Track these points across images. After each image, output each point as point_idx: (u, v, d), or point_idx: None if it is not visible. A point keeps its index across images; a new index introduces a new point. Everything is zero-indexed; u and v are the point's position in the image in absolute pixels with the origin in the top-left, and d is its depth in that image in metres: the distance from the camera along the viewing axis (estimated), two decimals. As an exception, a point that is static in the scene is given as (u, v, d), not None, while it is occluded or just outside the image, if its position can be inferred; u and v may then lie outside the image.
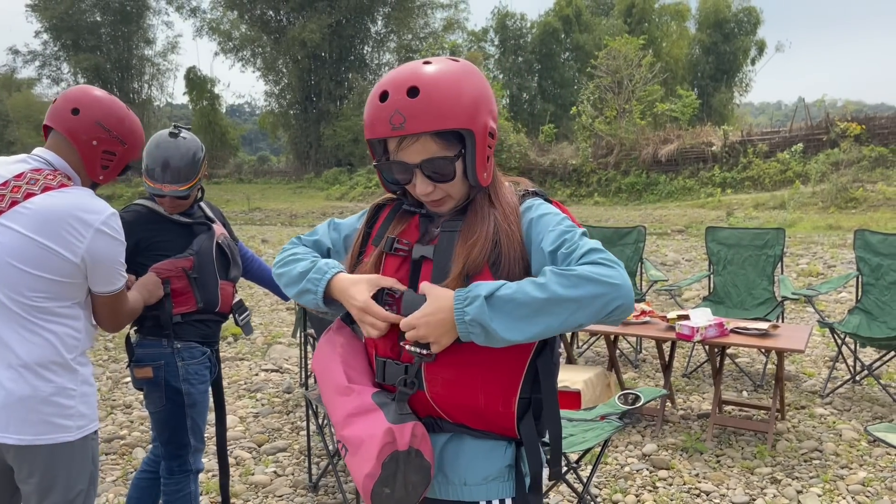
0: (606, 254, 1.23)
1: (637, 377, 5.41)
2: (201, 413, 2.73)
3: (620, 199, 22.26)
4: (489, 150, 1.34)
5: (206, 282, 2.69)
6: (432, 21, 40.40)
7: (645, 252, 6.12)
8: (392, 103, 1.26)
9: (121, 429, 4.58)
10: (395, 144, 1.33)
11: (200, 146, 2.69)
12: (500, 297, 1.19)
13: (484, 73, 1.41)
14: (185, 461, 2.71)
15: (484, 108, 1.31)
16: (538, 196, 1.42)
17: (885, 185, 17.08)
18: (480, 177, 1.34)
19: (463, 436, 1.35)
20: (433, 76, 1.27)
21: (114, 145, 2.04)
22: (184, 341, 2.64)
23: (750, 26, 35.83)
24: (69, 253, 1.83)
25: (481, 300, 1.19)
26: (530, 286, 1.19)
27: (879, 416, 4.46)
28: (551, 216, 1.34)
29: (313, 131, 37.54)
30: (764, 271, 5.61)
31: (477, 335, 1.21)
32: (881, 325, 5.00)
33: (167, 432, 2.68)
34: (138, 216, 2.62)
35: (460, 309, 1.21)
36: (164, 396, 2.62)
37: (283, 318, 7.96)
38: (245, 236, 17.13)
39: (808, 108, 23.29)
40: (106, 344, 6.86)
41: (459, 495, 1.36)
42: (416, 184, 1.34)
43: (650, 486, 3.60)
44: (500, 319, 1.18)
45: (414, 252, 1.39)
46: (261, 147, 65.60)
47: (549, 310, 1.17)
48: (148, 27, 41.19)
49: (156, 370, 2.60)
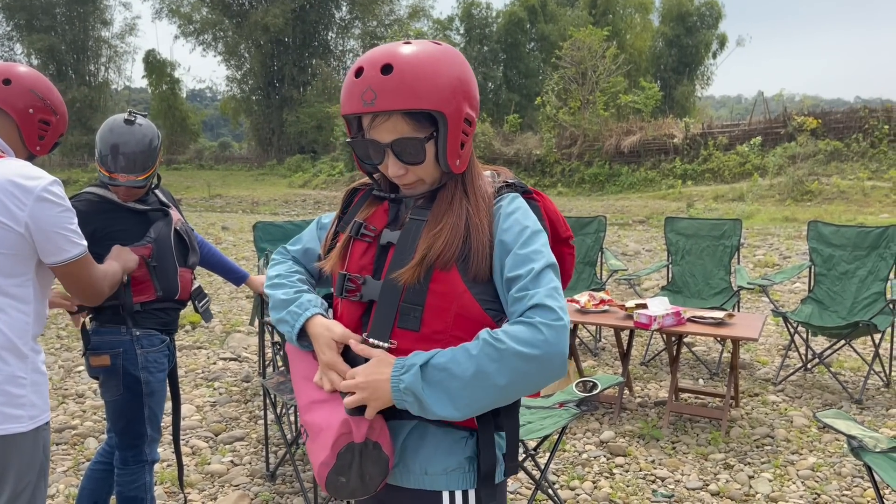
0: (554, 310, 1.21)
1: (596, 365, 5.46)
2: (159, 402, 2.68)
3: (583, 190, 22.45)
4: (464, 137, 1.31)
5: (166, 269, 2.64)
6: (397, 8, 40.32)
7: (606, 242, 6.19)
8: (365, 79, 1.25)
9: (73, 418, 4.48)
10: (368, 122, 1.31)
11: (157, 133, 2.63)
12: (433, 365, 1.21)
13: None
14: (140, 451, 2.66)
15: (460, 93, 1.29)
16: (516, 189, 1.39)
17: (840, 179, 17.52)
18: (452, 163, 1.31)
19: (427, 425, 1.34)
20: (409, 55, 1.26)
21: (48, 114, 2.03)
22: (143, 328, 2.59)
23: (712, 20, 36.29)
24: (11, 221, 1.75)
25: (416, 369, 1.21)
26: (462, 355, 1.20)
27: (829, 403, 4.57)
28: (516, 227, 1.31)
29: (276, 117, 37.09)
30: (721, 261, 5.70)
31: (411, 404, 1.23)
32: (832, 314, 5.13)
33: (123, 422, 2.62)
34: (91, 205, 2.54)
35: (397, 377, 1.23)
36: (121, 385, 2.57)
37: (243, 307, 7.86)
38: (205, 223, 16.87)
39: (766, 102, 23.74)
40: (58, 332, 6.70)
41: (420, 484, 1.35)
42: (388, 164, 1.32)
43: (607, 473, 3.64)
44: (432, 391, 1.20)
45: (381, 238, 1.37)
46: (222, 133, 64.61)
47: (478, 385, 1.19)
48: (105, 8, 40.17)
49: (113, 358, 2.55)
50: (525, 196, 1.40)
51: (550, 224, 1.45)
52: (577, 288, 5.78)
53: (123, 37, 42.58)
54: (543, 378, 1.21)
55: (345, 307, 1.39)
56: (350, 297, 1.37)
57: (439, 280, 1.28)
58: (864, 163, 18.50)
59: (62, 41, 38.04)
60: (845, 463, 3.68)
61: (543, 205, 1.44)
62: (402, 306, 1.29)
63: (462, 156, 1.33)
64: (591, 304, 4.49)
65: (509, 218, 1.32)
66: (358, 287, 1.35)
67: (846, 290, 5.18)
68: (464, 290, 1.28)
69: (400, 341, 1.30)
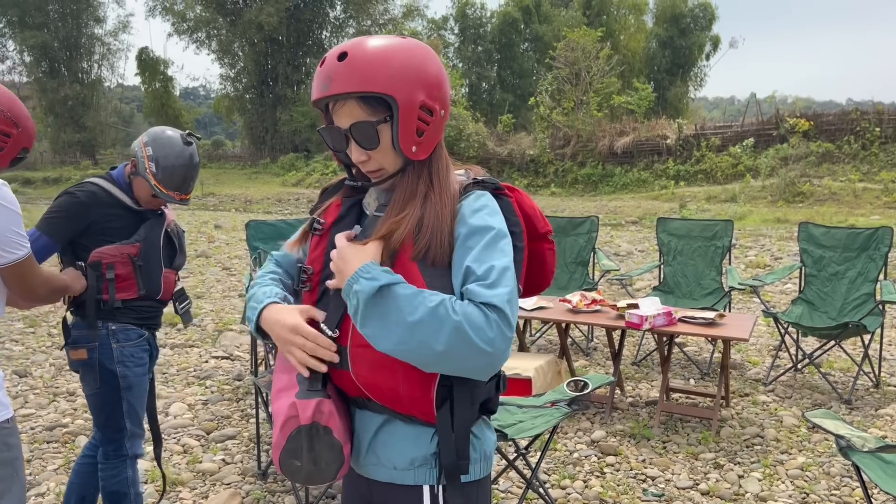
0: (508, 318, 1.22)
1: (588, 365, 5.48)
2: (138, 397, 2.69)
3: (577, 190, 22.50)
4: (422, 125, 1.33)
5: (151, 269, 2.66)
6: (392, 7, 40.14)
7: (599, 242, 6.21)
8: (325, 67, 1.32)
9: (63, 416, 4.46)
10: (332, 109, 1.36)
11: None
12: (392, 291, 1.22)
13: (443, 61, 1.39)
14: (120, 445, 2.67)
15: (415, 81, 1.31)
16: (485, 186, 1.38)
17: (831, 180, 17.61)
18: (406, 148, 1.33)
19: (395, 420, 1.35)
20: (366, 44, 1.32)
21: (8, 126, 2.02)
22: (119, 323, 2.60)
23: (705, 22, 36.44)
24: None
25: (375, 286, 1.22)
26: (419, 301, 1.20)
27: (819, 403, 4.60)
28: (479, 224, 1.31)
29: (269, 116, 37.00)
30: (712, 262, 5.73)
31: (351, 306, 1.26)
32: (822, 314, 5.16)
33: (103, 416, 2.65)
34: (94, 197, 2.57)
35: (356, 276, 1.25)
36: (98, 378, 2.60)
37: (235, 305, 7.85)
38: (198, 222, 16.82)
39: (759, 103, 23.84)
40: (49, 330, 6.68)
41: (390, 478, 1.36)
42: (352, 150, 1.37)
43: (598, 472, 3.66)
44: (372, 311, 1.22)
45: (332, 233, 1.42)
46: (215, 131, 64.39)
47: (412, 334, 1.19)
48: (98, 5, 39.95)
49: (90, 352, 2.58)
50: (496, 192, 1.39)
51: (526, 220, 1.44)
52: (569, 288, 5.80)
53: (117, 34, 42.53)
54: (472, 370, 1.22)
55: (304, 298, 1.44)
56: (303, 288, 1.43)
57: (399, 271, 1.28)
58: (856, 164, 18.61)
59: (55, 38, 37.83)
60: (834, 463, 3.70)
61: (518, 200, 1.43)
62: None
63: (420, 143, 1.34)
64: (583, 303, 4.50)
65: (474, 216, 1.32)
66: (309, 278, 1.41)
67: (836, 291, 5.21)
68: (422, 284, 1.28)
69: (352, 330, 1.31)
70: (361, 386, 1.33)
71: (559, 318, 4.48)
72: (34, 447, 4.00)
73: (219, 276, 9.66)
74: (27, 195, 25.47)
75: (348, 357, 1.32)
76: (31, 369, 5.44)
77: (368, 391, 1.33)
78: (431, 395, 1.30)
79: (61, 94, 36.75)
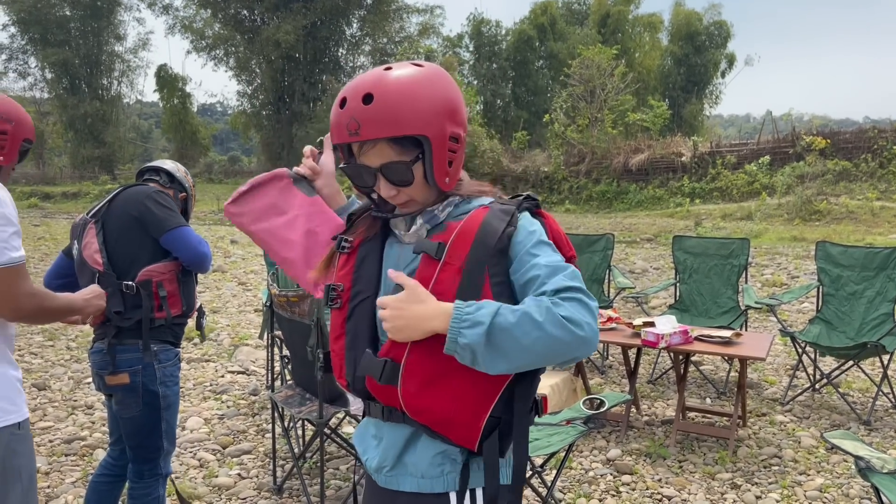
0: (591, 309, 1.26)
1: (603, 383, 5.46)
2: (174, 414, 2.72)
3: (591, 207, 22.45)
4: (451, 155, 1.35)
5: (189, 284, 2.70)
6: (408, 25, 40.37)
7: (614, 260, 6.20)
8: (349, 110, 1.30)
9: (82, 430, 4.50)
10: (357, 149, 1.37)
11: None
12: (498, 325, 1.19)
13: (458, 79, 1.42)
14: (156, 464, 2.69)
15: (443, 114, 1.32)
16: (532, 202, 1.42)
17: (848, 199, 17.47)
18: (440, 181, 1.35)
19: (421, 433, 1.36)
20: (389, 83, 1.29)
21: (2, 123, 2.07)
22: (160, 343, 2.62)
23: (721, 40, 36.39)
24: None
25: (483, 330, 1.19)
26: (527, 320, 1.19)
27: (837, 424, 4.55)
28: (534, 239, 1.34)
29: (286, 132, 37.27)
30: (729, 280, 5.70)
31: (462, 357, 1.22)
32: (840, 334, 5.11)
33: (140, 437, 2.64)
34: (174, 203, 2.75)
35: (456, 328, 1.21)
36: (140, 401, 2.58)
37: (251, 320, 7.89)
38: (215, 237, 16.94)
39: (775, 121, 23.74)
40: (68, 343, 6.74)
41: (418, 487, 1.37)
42: (381, 187, 1.38)
43: (613, 491, 3.64)
44: (493, 352, 1.20)
45: (360, 251, 1.45)
46: (232, 147, 64.90)
47: (533, 349, 1.19)
48: (119, 23, 40.50)
49: (132, 375, 2.56)
50: (537, 211, 1.43)
51: (554, 242, 1.44)
52: (585, 305, 5.77)
53: (136, 51, 42.89)
54: (584, 352, 1.25)
55: (332, 315, 1.45)
56: (333, 306, 1.44)
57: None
58: (873, 183, 18.46)
59: (76, 55, 38.35)
60: (853, 484, 3.66)
61: (548, 223, 1.45)
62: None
63: (451, 173, 1.37)
64: (599, 321, 4.49)
65: (532, 235, 1.35)
66: (339, 295, 1.42)
67: (854, 311, 5.17)
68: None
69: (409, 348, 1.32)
70: (405, 403, 1.32)
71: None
72: (52, 460, 4.04)
73: (235, 291, 9.72)
74: (46, 209, 25.75)
75: (400, 375, 1.31)
76: (50, 382, 5.49)
77: (411, 408, 1.32)
78: (482, 423, 1.31)
79: (81, 111, 37.19)
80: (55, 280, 2.75)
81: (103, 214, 2.60)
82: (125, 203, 2.59)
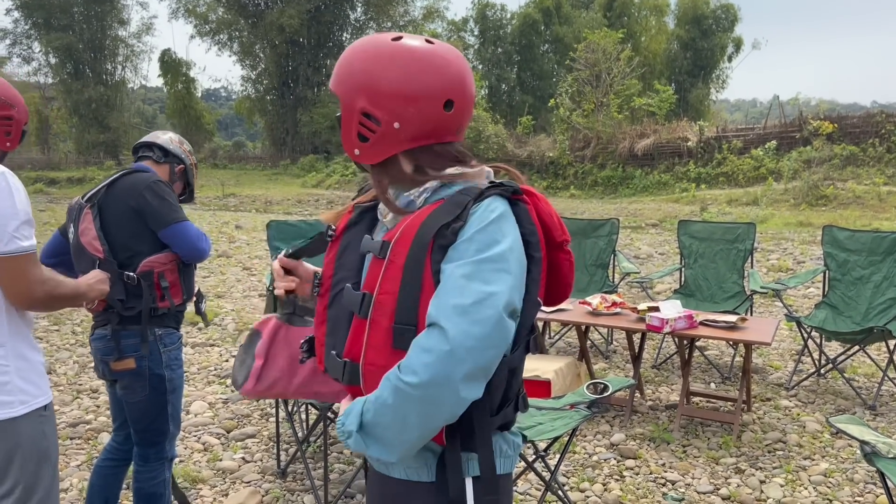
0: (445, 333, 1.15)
1: (608, 368, 5.45)
2: (179, 397, 2.74)
3: (596, 192, 22.38)
4: (364, 130, 1.33)
5: (189, 271, 2.70)
6: (412, 9, 40.14)
7: (619, 245, 6.17)
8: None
9: (87, 413, 4.52)
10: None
11: None
12: (367, 424, 1.22)
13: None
14: (162, 448, 2.70)
15: (361, 85, 1.31)
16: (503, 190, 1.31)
17: (855, 184, 17.37)
18: (349, 150, 1.37)
19: None
20: (357, 44, 1.37)
21: (6, 109, 2.06)
22: (164, 328, 2.63)
23: (727, 23, 36.10)
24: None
25: (356, 435, 1.23)
26: (382, 408, 1.19)
27: (842, 409, 4.54)
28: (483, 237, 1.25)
29: (290, 117, 37.21)
30: (734, 265, 5.68)
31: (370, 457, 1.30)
32: (846, 319, 5.09)
33: (146, 421, 2.65)
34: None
35: (344, 441, 1.27)
36: (147, 385, 2.59)
37: (255, 305, 7.90)
38: (219, 222, 16.95)
39: (782, 105, 23.56)
40: (73, 328, 6.76)
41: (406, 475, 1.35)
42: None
43: (617, 475, 3.64)
44: (380, 445, 1.23)
45: (343, 238, 1.45)
46: (236, 132, 64.92)
47: (412, 423, 1.19)
48: (122, 7, 40.34)
49: (138, 360, 2.57)
50: (515, 197, 1.32)
51: (544, 228, 1.36)
52: (589, 290, 5.77)
53: (140, 36, 42.85)
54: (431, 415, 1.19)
55: (317, 303, 1.46)
56: (315, 292, 1.48)
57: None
58: (881, 168, 18.35)
59: (80, 40, 38.26)
60: (858, 469, 3.65)
61: (535, 207, 1.35)
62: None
63: (364, 149, 1.34)
64: (603, 306, 4.48)
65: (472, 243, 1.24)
66: (321, 282, 1.44)
67: (861, 296, 5.14)
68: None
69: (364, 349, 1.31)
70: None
71: (579, 320, 4.46)
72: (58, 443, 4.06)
73: (239, 276, 9.73)
74: (51, 195, 25.81)
75: (360, 374, 1.31)
76: (56, 367, 5.51)
77: None
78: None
79: (86, 96, 37.16)
80: (49, 259, 2.73)
81: (100, 200, 2.56)
82: (124, 192, 2.55)
